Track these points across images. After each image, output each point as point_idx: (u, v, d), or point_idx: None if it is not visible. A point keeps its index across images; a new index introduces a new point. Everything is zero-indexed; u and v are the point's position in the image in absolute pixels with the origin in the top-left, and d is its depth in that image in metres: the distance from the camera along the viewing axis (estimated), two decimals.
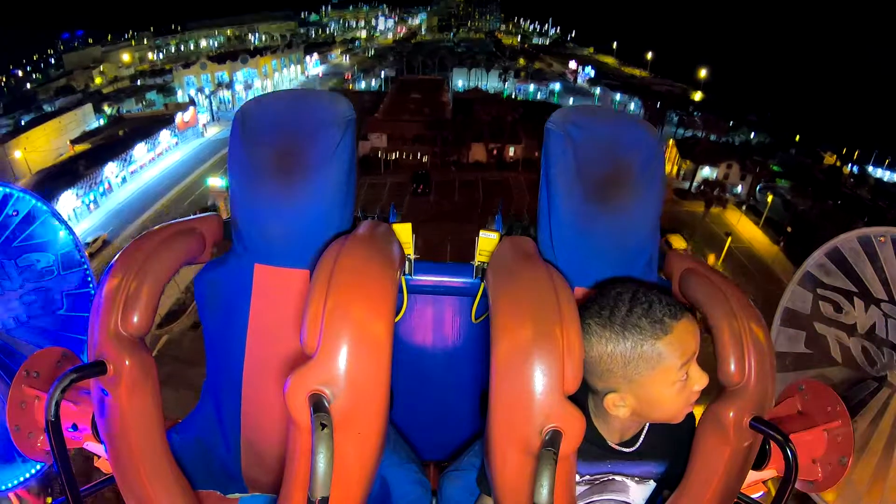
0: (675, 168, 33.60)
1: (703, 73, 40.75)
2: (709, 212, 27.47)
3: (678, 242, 22.93)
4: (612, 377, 0.99)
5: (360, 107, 39.97)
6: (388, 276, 0.98)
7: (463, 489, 1.37)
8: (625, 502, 1.16)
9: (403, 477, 1.38)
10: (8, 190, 1.53)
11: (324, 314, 0.87)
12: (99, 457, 1.27)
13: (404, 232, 1.32)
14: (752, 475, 1.17)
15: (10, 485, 1.47)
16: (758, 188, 29.23)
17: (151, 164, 34.79)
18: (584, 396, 1.08)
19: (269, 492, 1.34)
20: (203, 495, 1.28)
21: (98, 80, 51.88)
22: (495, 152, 36.04)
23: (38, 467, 1.48)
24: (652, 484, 1.16)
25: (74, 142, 34.53)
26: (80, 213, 25.40)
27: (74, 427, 1.22)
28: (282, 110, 1.21)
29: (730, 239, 23.91)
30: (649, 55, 51.99)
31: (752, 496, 1.24)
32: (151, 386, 1.03)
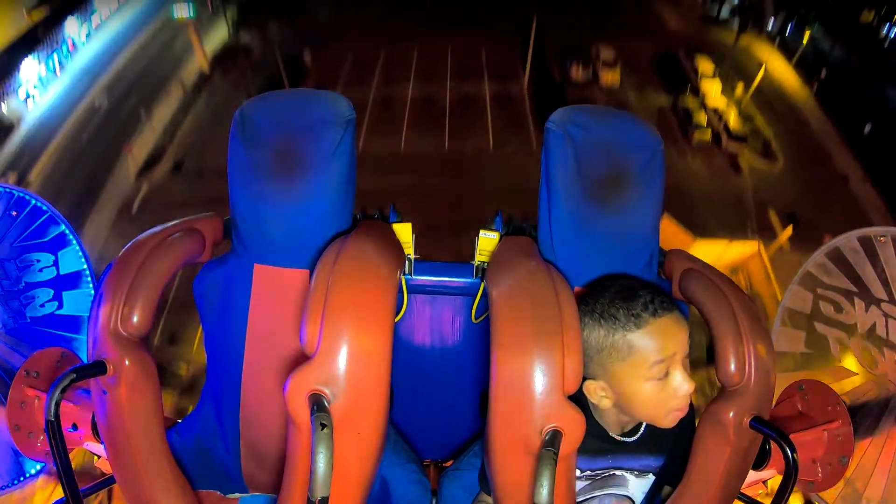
0: None
1: None
2: (740, 38, 24.56)
3: (705, 65, 21.18)
4: (589, 363, 1.00)
5: None
6: (387, 276, 0.98)
7: (463, 489, 1.37)
8: (624, 496, 1.16)
9: (403, 477, 1.38)
10: (8, 190, 1.54)
11: (324, 314, 0.87)
12: (99, 457, 1.27)
13: (404, 232, 1.32)
14: (752, 475, 1.18)
15: (10, 485, 1.47)
16: (789, 27, 25.85)
17: (117, 12, 29.53)
18: (583, 396, 1.09)
19: (269, 492, 1.34)
20: (203, 495, 1.28)
21: None
22: None
23: (39, 467, 1.48)
24: (651, 477, 1.16)
25: (31, 10, 30.78)
26: (47, 80, 22.40)
27: (74, 427, 1.22)
28: (281, 110, 1.21)
29: (763, 68, 21.80)
30: None
31: (752, 496, 1.24)
32: (151, 386, 1.03)
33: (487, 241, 1.33)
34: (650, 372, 0.96)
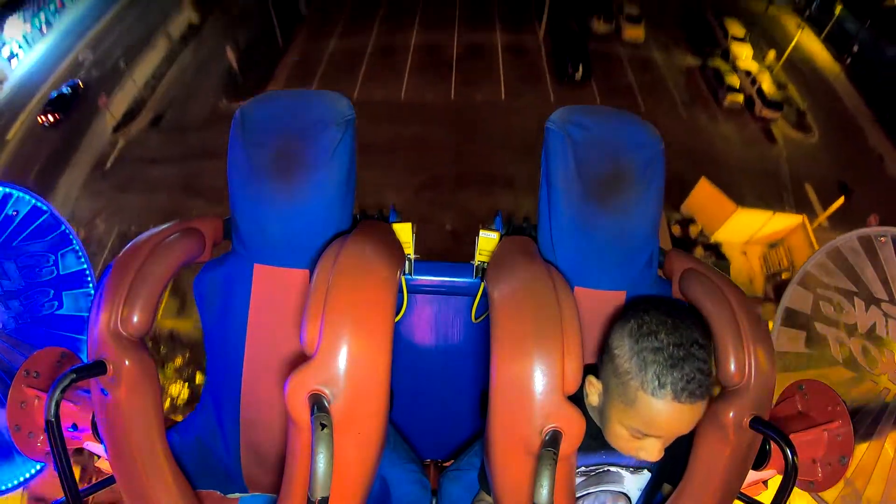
0: None
1: None
2: (769, 8, 23.69)
3: (735, 28, 20.33)
4: (602, 366, 1.00)
5: None
6: (387, 276, 0.98)
7: (463, 489, 1.37)
8: (620, 492, 1.16)
9: (403, 477, 1.38)
10: (8, 190, 1.54)
11: (323, 314, 0.87)
12: (99, 457, 1.27)
13: (404, 232, 1.32)
14: (752, 475, 1.18)
15: (9, 485, 1.47)
16: (814, 5, 24.61)
17: None
18: (581, 394, 1.09)
19: (269, 492, 1.34)
20: (203, 495, 1.28)
21: None
22: None
23: (38, 467, 1.48)
24: (647, 473, 1.16)
25: None
26: (32, 38, 21.77)
27: (74, 427, 1.22)
28: (281, 110, 1.21)
29: (800, 33, 21.17)
30: None
31: (752, 496, 1.24)
32: (151, 386, 1.03)
33: (487, 241, 1.33)
34: (633, 430, 0.95)
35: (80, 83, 18.43)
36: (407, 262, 1.38)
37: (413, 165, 12.94)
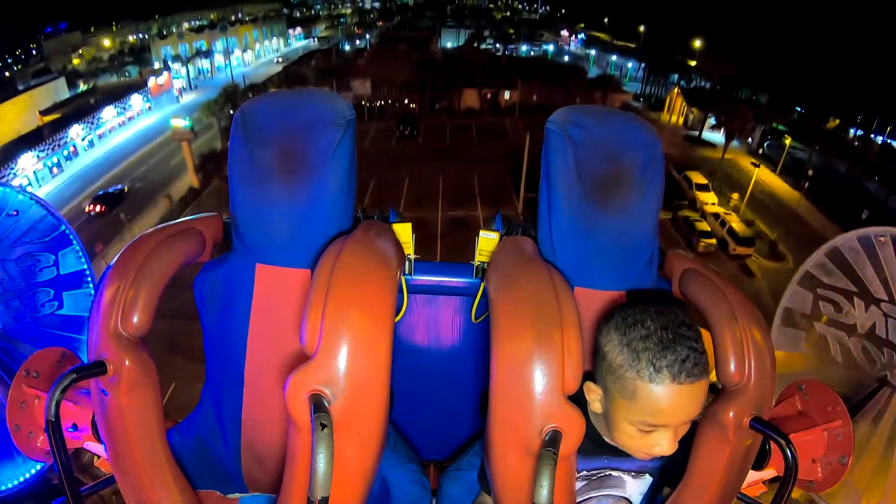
0: (682, 118, 32.78)
1: (697, 43, 38.58)
2: (727, 148, 26.69)
3: (698, 178, 22.42)
4: (597, 368, 0.99)
5: (343, 63, 37.19)
6: (387, 277, 0.98)
7: (463, 489, 1.37)
8: (622, 497, 1.16)
9: (403, 477, 1.38)
10: (8, 190, 1.54)
11: (324, 314, 0.87)
12: (99, 457, 1.27)
13: (404, 232, 1.32)
14: (752, 475, 1.18)
15: (9, 485, 1.47)
16: (766, 144, 28.63)
17: (122, 128, 32.12)
18: (583, 396, 1.09)
19: (269, 492, 1.34)
20: (203, 495, 1.28)
21: (76, 62, 48.37)
22: (489, 97, 33.97)
23: (38, 467, 1.48)
24: (648, 478, 1.16)
25: (44, 112, 31.76)
26: (42, 177, 23.84)
27: (74, 427, 1.22)
28: (282, 110, 1.21)
29: (757, 171, 22.99)
30: (641, 28, 48.56)
31: (752, 496, 1.24)
32: (151, 386, 1.03)
33: (487, 241, 1.33)
34: (639, 424, 0.93)
35: (125, 188, 22.20)
36: (407, 262, 1.38)
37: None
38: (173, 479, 1.04)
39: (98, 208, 20.32)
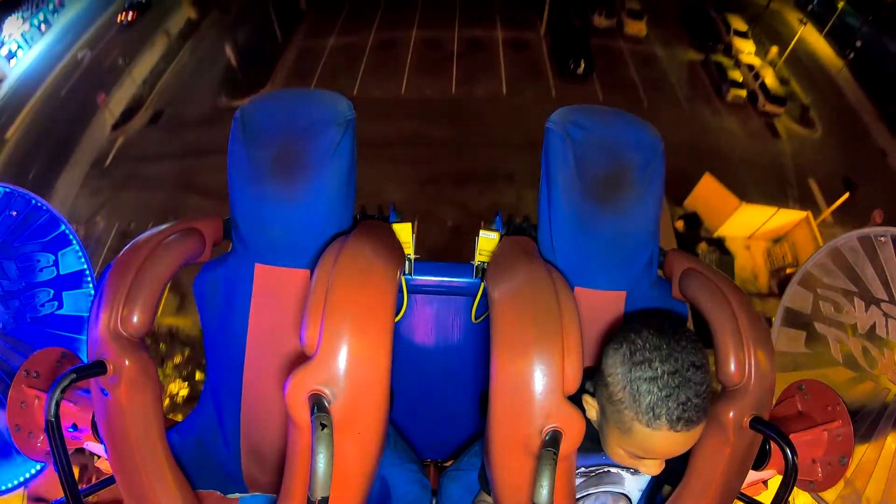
0: None
1: None
2: (771, 2, 23.49)
3: (737, 23, 20.27)
4: (597, 386, 0.99)
5: None
6: (387, 276, 0.98)
7: (463, 489, 1.37)
8: (621, 493, 1.16)
9: (403, 477, 1.38)
10: (8, 189, 1.53)
11: (323, 314, 0.87)
12: (99, 457, 1.27)
13: (404, 232, 1.32)
14: (752, 475, 1.18)
15: (9, 485, 1.47)
16: (816, 1, 24.61)
17: None
18: (581, 394, 1.09)
19: (269, 492, 1.34)
20: (203, 495, 1.28)
21: None
22: None
23: (38, 467, 1.48)
24: (647, 475, 1.16)
25: None
26: (31, 37, 22.03)
27: (74, 427, 1.22)
28: (282, 110, 1.21)
29: (802, 28, 21.15)
30: None
31: (752, 496, 1.24)
32: (151, 386, 1.03)
33: (487, 241, 1.33)
34: (628, 450, 0.95)
35: None
36: (407, 262, 1.38)
37: (414, 161, 12.82)
38: (173, 479, 1.04)
39: (130, 16, 19.87)
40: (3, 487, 1.47)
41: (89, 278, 1.65)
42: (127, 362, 0.98)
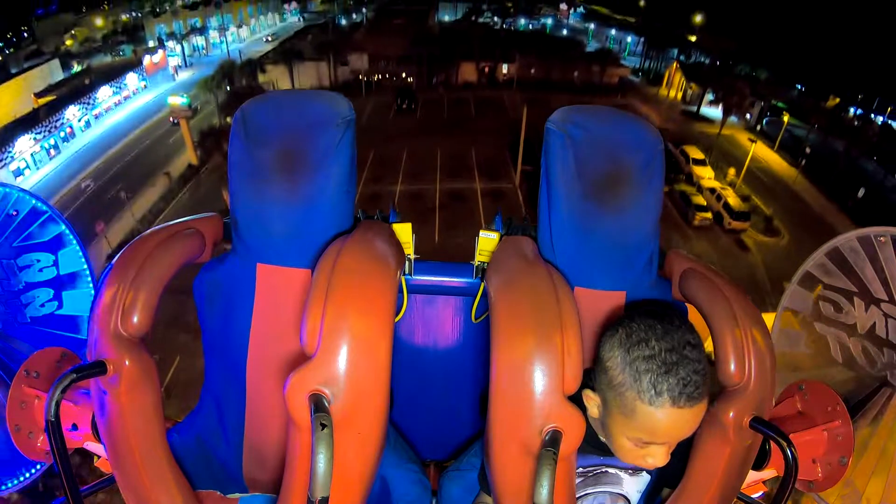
0: (681, 93, 32.45)
1: (697, 18, 38.08)
2: (725, 123, 26.60)
3: (695, 153, 22.39)
4: (597, 378, 0.99)
5: (339, 38, 37.07)
6: (387, 276, 0.98)
7: (463, 489, 1.37)
8: (619, 494, 1.16)
9: (403, 477, 1.38)
10: (8, 190, 1.53)
11: (323, 314, 0.87)
12: (99, 457, 1.27)
13: (404, 232, 1.32)
14: (752, 475, 1.18)
15: (9, 485, 1.47)
16: (764, 121, 28.48)
17: (118, 107, 31.85)
18: (581, 394, 1.09)
19: (269, 492, 1.34)
20: (203, 495, 1.28)
21: (69, 43, 46.92)
22: (487, 70, 34.08)
23: (38, 467, 1.48)
24: (646, 476, 1.16)
25: (39, 95, 31.21)
26: (39, 160, 23.65)
27: (74, 427, 1.22)
28: (282, 110, 1.22)
29: (754, 147, 22.92)
30: (641, 2, 47.27)
31: (752, 496, 1.24)
32: (151, 386, 1.03)
33: (487, 241, 1.33)
34: (633, 437, 0.94)
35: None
36: (407, 262, 1.38)
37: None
38: (173, 479, 1.04)
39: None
40: (3, 487, 1.47)
41: (89, 278, 1.65)
42: (127, 362, 0.98)
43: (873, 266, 1.56)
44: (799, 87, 32.60)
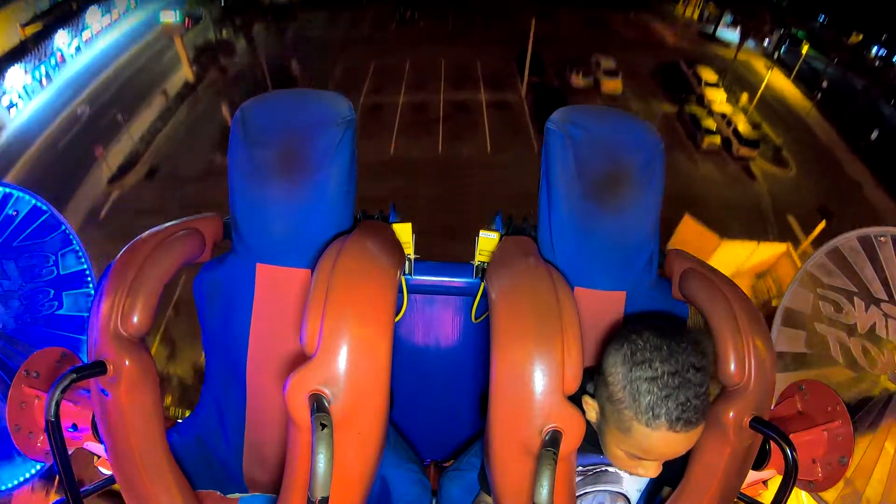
0: (697, 11, 30.05)
1: None
2: (738, 54, 25.10)
3: (708, 75, 21.51)
4: (597, 387, 0.99)
5: None
6: (387, 276, 0.98)
7: (463, 489, 1.37)
8: (619, 493, 1.16)
9: (403, 477, 1.38)
10: (8, 190, 1.54)
11: (323, 314, 0.87)
12: (99, 457, 1.27)
13: (404, 232, 1.32)
14: (752, 475, 1.18)
15: (10, 485, 1.47)
16: (782, 49, 26.69)
17: (108, 29, 29.78)
18: (581, 394, 1.09)
19: (269, 492, 1.34)
20: (203, 495, 1.28)
21: None
22: None
23: (38, 467, 1.48)
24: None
25: (26, 25, 28.28)
26: (32, 90, 22.58)
27: (74, 427, 1.22)
28: (282, 110, 1.22)
29: (770, 73, 22.16)
30: None
31: (752, 496, 1.24)
32: (151, 386, 1.03)
33: (487, 241, 1.33)
34: (627, 451, 0.95)
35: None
36: (407, 262, 1.38)
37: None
38: (173, 479, 1.04)
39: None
40: (3, 487, 1.47)
41: (89, 278, 1.65)
42: (127, 362, 0.98)
43: (873, 266, 1.56)
44: (821, 18, 29.69)
